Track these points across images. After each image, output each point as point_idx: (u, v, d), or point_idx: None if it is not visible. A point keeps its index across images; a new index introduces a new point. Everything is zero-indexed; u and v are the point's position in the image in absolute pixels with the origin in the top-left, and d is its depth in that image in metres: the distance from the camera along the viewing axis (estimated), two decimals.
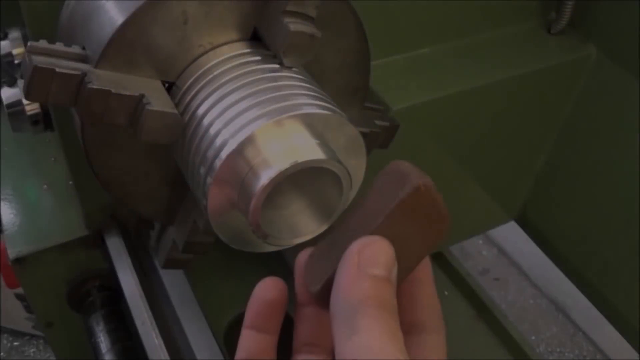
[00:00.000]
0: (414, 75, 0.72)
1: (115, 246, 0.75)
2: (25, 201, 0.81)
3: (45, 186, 0.83)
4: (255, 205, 0.40)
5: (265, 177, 0.39)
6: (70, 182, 0.75)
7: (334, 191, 0.44)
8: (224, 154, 0.41)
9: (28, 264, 0.74)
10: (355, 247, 0.35)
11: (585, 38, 0.80)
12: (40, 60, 0.40)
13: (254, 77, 0.44)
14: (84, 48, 0.44)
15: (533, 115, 0.84)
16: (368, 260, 0.34)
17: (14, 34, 0.65)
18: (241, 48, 0.46)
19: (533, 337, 1.78)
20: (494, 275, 1.93)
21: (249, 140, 0.40)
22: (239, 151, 0.40)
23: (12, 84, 0.61)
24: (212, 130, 0.42)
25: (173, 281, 0.73)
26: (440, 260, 1.21)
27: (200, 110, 0.43)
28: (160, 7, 0.42)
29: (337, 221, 0.44)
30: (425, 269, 0.40)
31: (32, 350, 1.60)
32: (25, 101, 0.61)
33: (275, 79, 0.44)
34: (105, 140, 0.47)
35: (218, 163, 0.41)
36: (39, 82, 0.40)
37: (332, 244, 0.39)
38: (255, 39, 0.47)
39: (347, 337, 0.32)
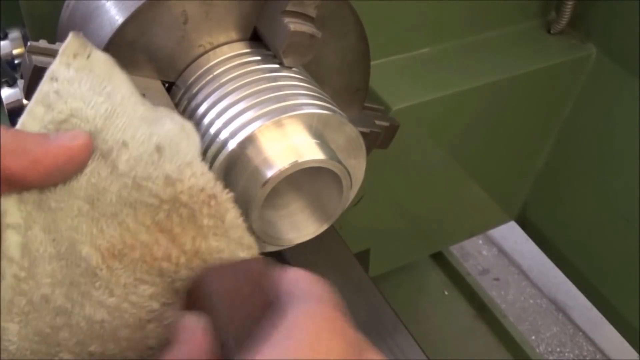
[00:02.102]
0: (414, 75, 0.72)
1: None
2: None
3: None
4: (255, 205, 0.40)
5: (264, 177, 0.39)
6: None
7: (333, 191, 0.44)
8: (223, 154, 0.41)
9: None
10: None
11: (585, 38, 0.80)
12: (40, 60, 0.40)
13: (254, 77, 0.44)
14: None
15: (533, 115, 0.84)
16: None
17: (14, 34, 0.65)
18: (241, 48, 0.46)
19: (533, 337, 1.78)
20: (494, 275, 1.93)
21: (248, 140, 0.40)
22: (238, 151, 0.40)
23: (12, 84, 0.61)
24: (212, 130, 0.42)
25: None
26: (440, 260, 1.21)
27: (200, 110, 0.43)
28: (160, 7, 0.42)
29: None
30: None
31: None
32: (25, 101, 0.61)
33: (275, 79, 0.44)
34: None
35: (217, 163, 0.41)
36: (38, 81, 0.40)
37: None
38: (255, 39, 0.47)
39: None
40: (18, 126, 0.33)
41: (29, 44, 0.40)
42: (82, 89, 0.33)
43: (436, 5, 0.70)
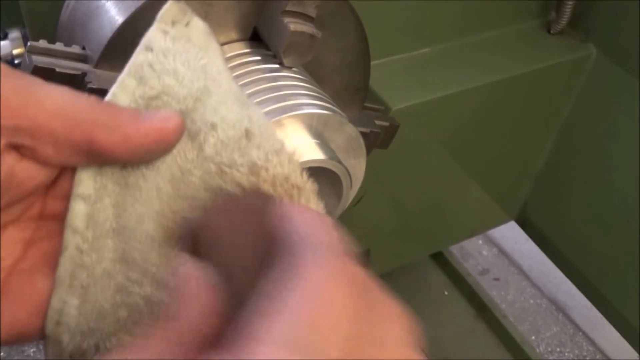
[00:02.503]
0: (414, 75, 0.72)
1: None
2: None
3: None
4: None
5: None
6: None
7: (333, 191, 0.44)
8: None
9: None
10: None
11: (585, 38, 0.80)
12: (40, 60, 0.40)
13: (254, 77, 0.44)
14: (84, 48, 0.44)
15: (533, 115, 0.84)
16: None
17: (14, 34, 0.65)
18: (241, 48, 0.46)
19: (533, 337, 1.78)
20: (494, 275, 1.93)
21: None
22: None
23: None
24: None
25: None
26: (440, 260, 1.21)
27: None
28: (160, 7, 0.42)
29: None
30: None
31: (32, 350, 1.60)
32: None
33: (275, 79, 0.44)
34: None
35: None
36: None
37: None
38: (255, 39, 0.47)
39: None
40: (109, 96, 0.32)
41: (29, 44, 0.40)
42: (176, 63, 0.32)
43: (436, 5, 0.70)
